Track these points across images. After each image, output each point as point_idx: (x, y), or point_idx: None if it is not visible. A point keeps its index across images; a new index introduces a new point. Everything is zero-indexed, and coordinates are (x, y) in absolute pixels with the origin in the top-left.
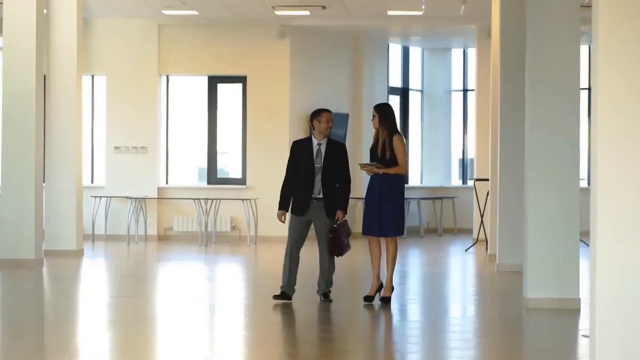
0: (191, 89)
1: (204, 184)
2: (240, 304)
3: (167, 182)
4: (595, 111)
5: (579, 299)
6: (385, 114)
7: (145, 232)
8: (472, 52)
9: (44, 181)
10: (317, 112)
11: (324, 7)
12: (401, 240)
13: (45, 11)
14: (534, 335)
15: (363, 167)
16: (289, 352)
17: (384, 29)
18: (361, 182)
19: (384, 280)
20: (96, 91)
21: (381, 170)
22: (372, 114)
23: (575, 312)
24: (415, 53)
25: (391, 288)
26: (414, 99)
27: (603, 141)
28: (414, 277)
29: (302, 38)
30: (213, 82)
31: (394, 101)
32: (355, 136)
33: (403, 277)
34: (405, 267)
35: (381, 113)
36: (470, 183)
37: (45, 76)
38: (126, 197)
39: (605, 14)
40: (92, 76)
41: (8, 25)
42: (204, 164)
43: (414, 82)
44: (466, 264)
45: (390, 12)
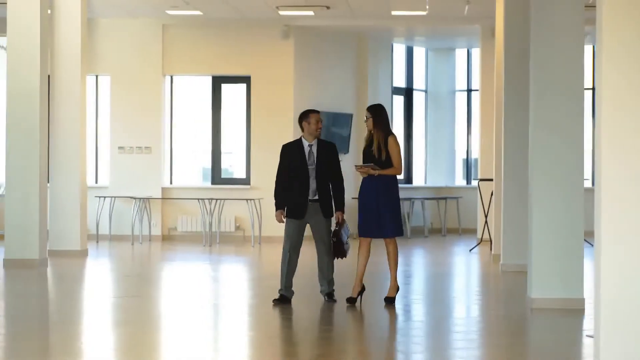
0: (195, 89)
1: (208, 184)
2: (244, 304)
3: (171, 182)
4: (599, 111)
5: (584, 299)
6: (379, 115)
7: (149, 232)
8: (476, 52)
9: (48, 181)
10: (306, 114)
11: (328, 7)
12: (405, 240)
13: (49, 11)
14: (538, 335)
15: (359, 169)
16: (293, 352)
17: (388, 29)
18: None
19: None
20: (100, 91)
21: (377, 171)
22: (366, 116)
23: (579, 312)
24: (419, 53)
25: (396, 288)
26: (418, 99)
27: (607, 141)
28: (418, 277)
29: (306, 38)
30: (217, 82)
31: (398, 101)
32: (359, 136)
33: (407, 277)
34: (409, 267)
35: (375, 114)
36: (474, 183)
37: (49, 76)
38: (130, 197)
39: (609, 14)
40: (96, 76)
41: (12, 25)
42: (208, 164)
43: (418, 82)
44: (470, 264)
45: (394, 12)
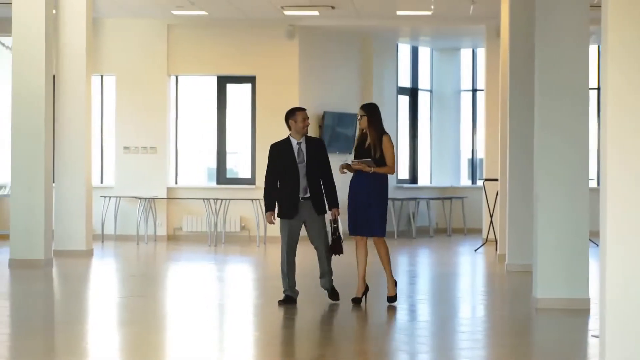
0: (200, 89)
1: (213, 184)
2: (249, 304)
3: (177, 182)
4: (604, 111)
5: (589, 299)
6: (373, 114)
7: (154, 232)
8: (481, 52)
9: (54, 181)
10: (292, 112)
11: (333, 7)
12: (410, 240)
13: (54, 11)
14: (544, 335)
15: (354, 165)
16: (298, 353)
17: (393, 29)
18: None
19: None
20: (105, 91)
21: (372, 168)
22: (360, 114)
23: (584, 312)
24: (424, 53)
25: (394, 283)
26: (423, 99)
27: (612, 141)
28: (424, 277)
29: (311, 38)
30: (222, 82)
31: (403, 101)
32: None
33: (413, 277)
34: (414, 267)
35: (369, 113)
36: (479, 183)
37: (54, 76)
38: (136, 197)
39: (614, 14)
40: (102, 76)
41: (17, 25)
42: (213, 164)
43: (423, 82)
44: (475, 264)
45: (399, 12)
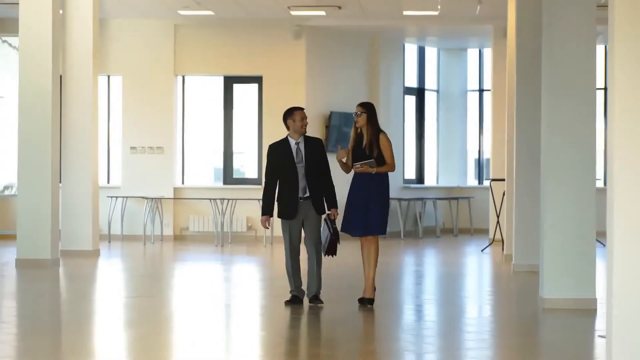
0: (207, 89)
1: (220, 184)
2: (256, 304)
3: (183, 182)
4: (611, 111)
5: (596, 299)
6: (372, 112)
7: (161, 232)
8: (488, 52)
9: (60, 181)
10: (290, 112)
11: (340, 7)
12: (417, 240)
13: (61, 12)
14: (550, 335)
15: (357, 169)
16: (304, 353)
17: (400, 29)
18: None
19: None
20: (112, 91)
21: (374, 169)
22: (358, 112)
23: (591, 313)
24: (431, 53)
25: (374, 289)
26: (430, 99)
27: (619, 141)
28: (430, 277)
29: (318, 38)
30: (229, 83)
31: (410, 101)
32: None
33: (419, 277)
34: (421, 268)
35: (368, 111)
36: (486, 183)
37: (61, 77)
38: (142, 197)
39: (621, 14)
40: (108, 76)
41: (24, 25)
42: (220, 164)
43: (430, 82)
44: (482, 264)
45: (406, 12)
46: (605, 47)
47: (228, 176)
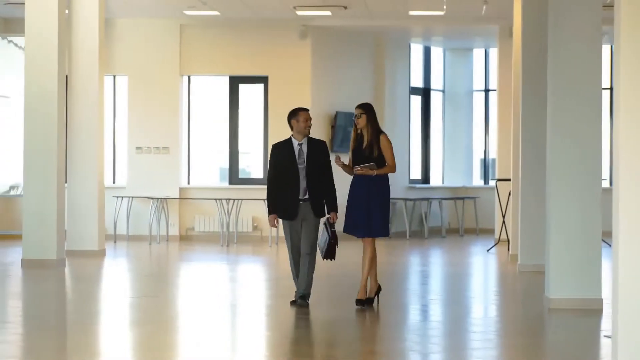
0: (213, 89)
1: (226, 184)
2: (261, 304)
3: (189, 182)
4: (617, 111)
5: (601, 300)
6: (371, 113)
7: (166, 232)
8: (494, 52)
9: (66, 181)
10: (295, 112)
11: (346, 7)
12: (423, 240)
13: (66, 12)
14: (556, 335)
15: (357, 172)
16: (310, 353)
17: (406, 29)
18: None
19: (379, 282)
20: (118, 91)
21: (375, 171)
22: (357, 114)
23: (597, 313)
24: (436, 53)
25: (366, 291)
26: (436, 99)
27: (625, 141)
28: (436, 277)
29: (324, 38)
30: (234, 83)
31: (416, 101)
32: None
33: (425, 278)
34: (427, 268)
35: (367, 112)
36: (492, 183)
37: (67, 77)
38: (148, 197)
39: (627, 14)
40: (114, 76)
41: (30, 26)
42: (226, 164)
43: (436, 82)
44: (488, 264)
45: (411, 12)
46: (611, 47)
47: (234, 176)
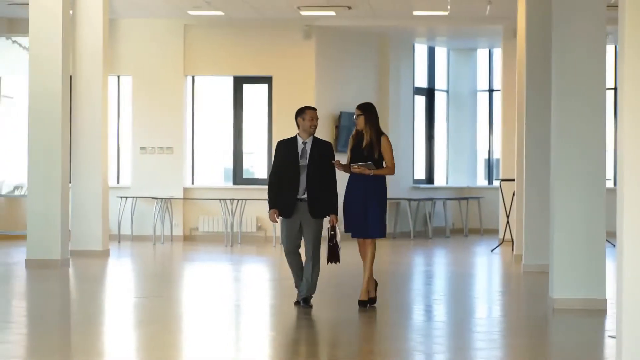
0: (217, 90)
1: (230, 185)
2: (265, 304)
3: (193, 183)
4: (621, 111)
5: (606, 300)
6: (371, 113)
7: (170, 233)
8: (498, 52)
9: (70, 182)
10: (302, 110)
11: (350, 8)
12: (426, 240)
13: (71, 12)
14: (560, 335)
15: (354, 170)
16: (314, 353)
17: (410, 29)
18: None
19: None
20: (122, 92)
21: (372, 171)
22: (356, 114)
23: (601, 313)
24: (440, 53)
25: (368, 291)
26: (440, 99)
27: (629, 141)
28: (440, 278)
29: (328, 38)
30: (239, 83)
31: (420, 101)
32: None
33: (429, 278)
34: (431, 268)
35: (367, 112)
36: (496, 183)
37: (71, 77)
38: (152, 198)
39: (631, 14)
40: (118, 77)
41: (34, 26)
42: (230, 165)
43: (440, 83)
44: (492, 265)
45: (415, 13)
46: (615, 47)
47: (238, 176)
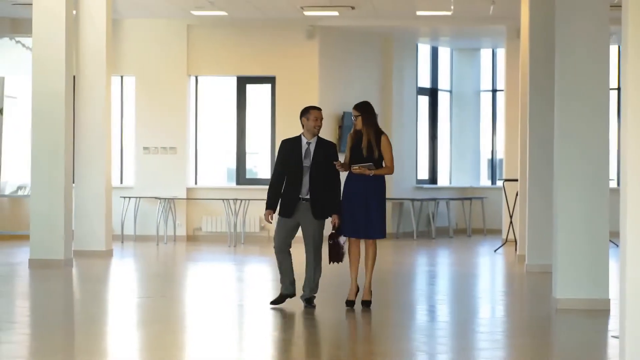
0: (220, 90)
1: (233, 185)
2: (268, 305)
3: (196, 183)
4: (624, 111)
5: (609, 300)
6: (367, 113)
7: (174, 233)
8: (501, 53)
9: (74, 182)
10: (306, 110)
11: (353, 8)
12: (430, 241)
13: (74, 12)
14: (564, 336)
15: (355, 170)
16: (317, 353)
17: (413, 29)
18: None
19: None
20: (125, 92)
21: (372, 171)
22: (354, 115)
23: (604, 313)
24: (444, 53)
25: (371, 291)
26: (443, 100)
27: (633, 141)
28: (443, 278)
29: (331, 38)
30: (242, 83)
31: (423, 101)
32: None
33: (432, 278)
34: (434, 268)
35: (364, 112)
36: (499, 183)
37: (74, 77)
38: (155, 198)
39: (634, 14)
40: (121, 77)
41: (37, 26)
42: (233, 165)
43: (443, 83)
44: (495, 265)
45: (419, 13)
46: (618, 47)
47: (241, 176)
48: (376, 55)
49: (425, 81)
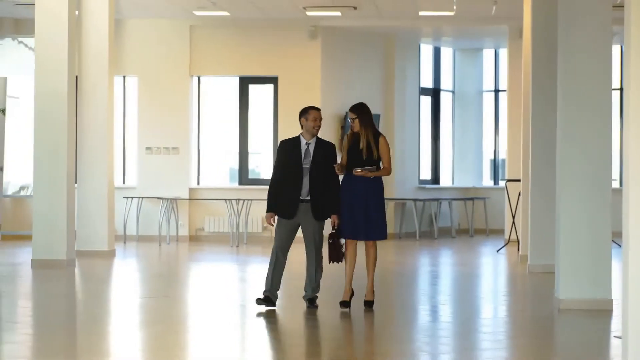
0: (222, 90)
1: (236, 185)
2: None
3: (199, 183)
4: (627, 111)
5: (611, 300)
6: (364, 114)
7: (176, 233)
8: (504, 53)
9: (76, 182)
10: (305, 110)
11: (355, 8)
12: (432, 241)
13: (76, 12)
14: (566, 336)
15: (357, 173)
16: (319, 353)
17: (415, 30)
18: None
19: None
20: (128, 92)
21: (373, 173)
22: (351, 117)
23: (607, 313)
24: (446, 53)
25: (373, 292)
26: (446, 100)
27: (635, 141)
28: (446, 278)
29: (334, 39)
30: (244, 83)
31: (425, 102)
32: (387, 137)
33: (434, 278)
34: (436, 268)
35: (362, 114)
36: (501, 184)
37: (77, 77)
38: (158, 198)
39: (637, 14)
40: (124, 77)
41: (40, 26)
42: (236, 165)
43: (446, 83)
44: (498, 265)
45: (421, 13)
46: (621, 47)
47: (243, 177)
48: (379, 55)
49: (427, 81)
